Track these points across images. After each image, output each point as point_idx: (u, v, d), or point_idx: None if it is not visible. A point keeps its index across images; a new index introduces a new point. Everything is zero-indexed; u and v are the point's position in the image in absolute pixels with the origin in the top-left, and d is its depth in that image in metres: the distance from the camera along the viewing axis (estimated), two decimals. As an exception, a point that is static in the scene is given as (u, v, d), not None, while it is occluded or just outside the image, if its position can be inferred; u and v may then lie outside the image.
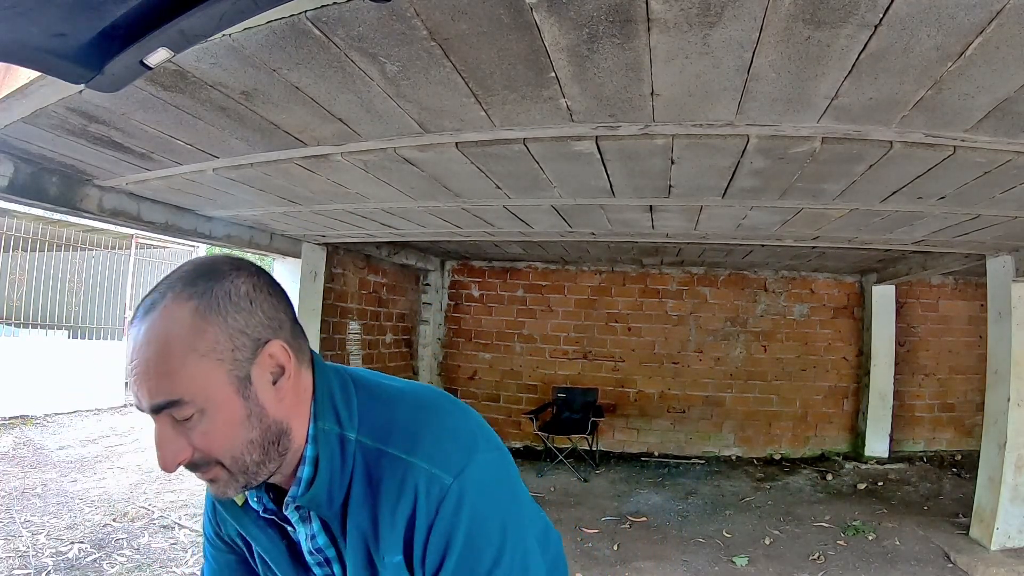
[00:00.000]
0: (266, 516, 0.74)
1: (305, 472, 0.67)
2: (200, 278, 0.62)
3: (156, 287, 0.62)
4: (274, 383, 0.64)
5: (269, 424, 0.64)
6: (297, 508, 0.70)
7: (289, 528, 0.74)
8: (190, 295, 0.60)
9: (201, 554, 3.22)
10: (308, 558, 0.73)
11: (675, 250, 4.80)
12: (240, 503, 0.75)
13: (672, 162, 1.99)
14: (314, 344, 4.23)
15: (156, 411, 0.60)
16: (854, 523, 3.83)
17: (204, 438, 0.61)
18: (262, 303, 0.64)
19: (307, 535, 0.71)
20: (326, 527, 0.70)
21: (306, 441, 0.67)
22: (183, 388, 0.59)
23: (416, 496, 0.63)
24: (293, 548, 0.75)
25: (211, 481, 0.64)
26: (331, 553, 0.71)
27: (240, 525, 0.77)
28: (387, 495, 0.65)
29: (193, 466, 0.62)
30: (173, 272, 0.64)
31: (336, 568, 0.72)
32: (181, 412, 0.59)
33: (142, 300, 0.62)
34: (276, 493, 0.74)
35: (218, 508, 0.80)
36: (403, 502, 0.64)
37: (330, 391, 0.69)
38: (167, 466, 0.61)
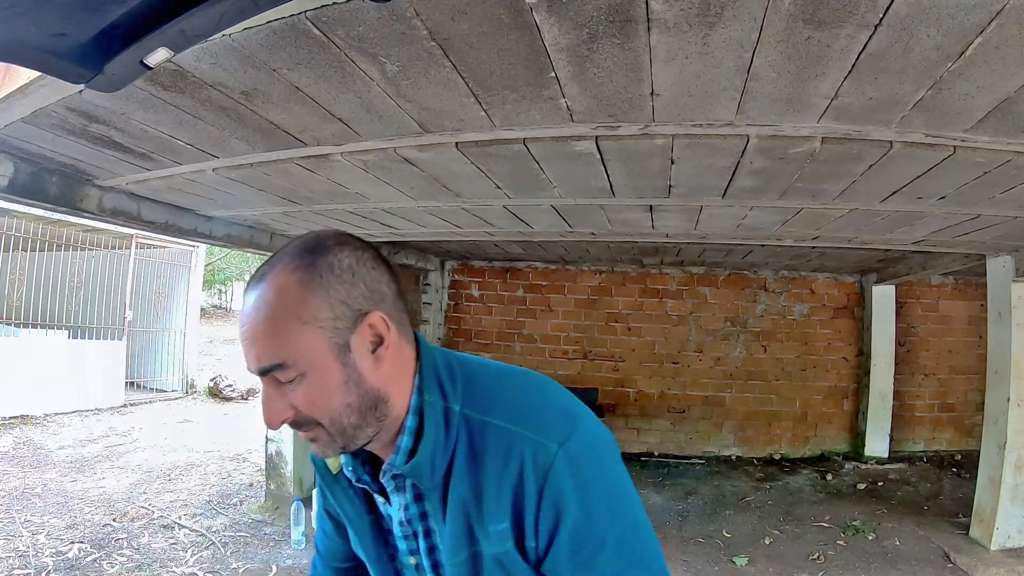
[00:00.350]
0: (357, 486, 0.77)
1: (404, 442, 0.69)
2: (307, 251, 0.66)
3: (268, 259, 0.68)
4: (373, 352, 0.67)
5: (367, 390, 0.67)
6: (394, 477, 0.72)
7: (380, 500, 0.76)
8: (295, 267, 0.65)
9: (201, 554, 3.23)
10: (397, 530, 0.75)
11: (675, 250, 4.80)
12: (335, 471, 0.78)
13: (672, 162, 1.99)
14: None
15: (262, 373, 0.64)
16: (854, 523, 3.83)
17: (305, 400, 0.65)
18: (364, 276, 0.67)
19: (400, 506, 0.73)
20: (418, 500, 0.72)
21: (407, 412, 0.70)
22: (286, 352, 0.63)
23: (523, 464, 0.65)
24: (378, 523, 0.78)
25: (312, 440, 0.68)
26: (419, 527, 0.73)
27: (332, 493, 0.81)
28: (492, 465, 0.66)
29: (296, 424, 0.67)
30: (285, 245, 0.68)
31: (422, 542, 0.74)
32: (284, 374, 0.64)
33: (255, 272, 0.68)
34: (373, 467, 0.76)
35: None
36: (509, 471, 0.65)
37: (434, 366, 0.71)
38: (272, 423, 0.66)
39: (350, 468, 0.76)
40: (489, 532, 0.66)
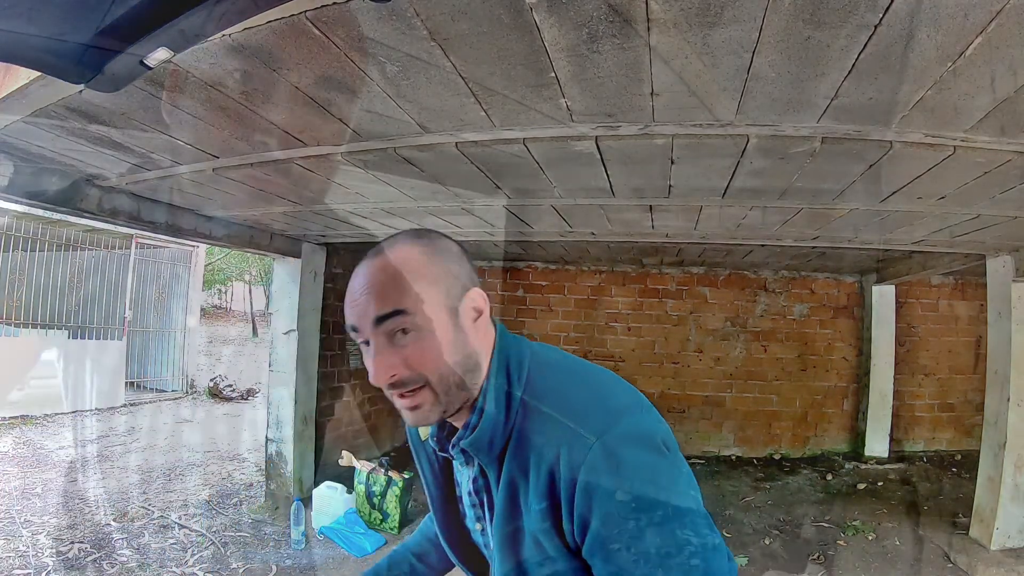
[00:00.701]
0: (440, 455, 0.86)
1: (472, 419, 0.76)
2: (422, 236, 0.76)
3: (382, 241, 0.76)
4: (474, 321, 0.76)
5: (469, 352, 0.74)
6: (462, 452, 0.78)
7: (458, 469, 0.85)
8: (416, 243, 0.75)
9: (201, 554, 3.23)
10: (466, 499, 0.84)
11: (675, 250, 4.80)
12: (424, 438, 0.87)
13: (672, 162, 1.99)
14: (314, 344, 4.23)
15: (381, 320, 0.70)
16: (854, 523, 3.83)
17: (418, 353, 0.71)
18: (466, 262, 0.78)
19: (470, 477, 0.82)
20: (484, 474, 0.78)
21: (480, 391, 0.76)
22: (409, 302, 0.70)
23: (559, 453, 0.69)
24: (452, 490, 0.88)
25: (414, 407, 0.73)
26: (486, 497, 0.80)
27: (417, 458, 0.90)
28: (535, 449, 0.71)
29: (401, 384, 0.71)
30: (394, 234, 0.77)
31: (487, 512, 0.80)
32: (403, 322, 0.70)
33: (372, 249, 0.76)
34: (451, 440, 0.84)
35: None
36: (547, 456, 0.70)
37: (506, 352, 0.78)
38: (380, 378, 0.71)
39: (434, 438, 0.84)
40: (532, 510, 0.71)
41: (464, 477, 0.83)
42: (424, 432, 0.86)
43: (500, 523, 0.74)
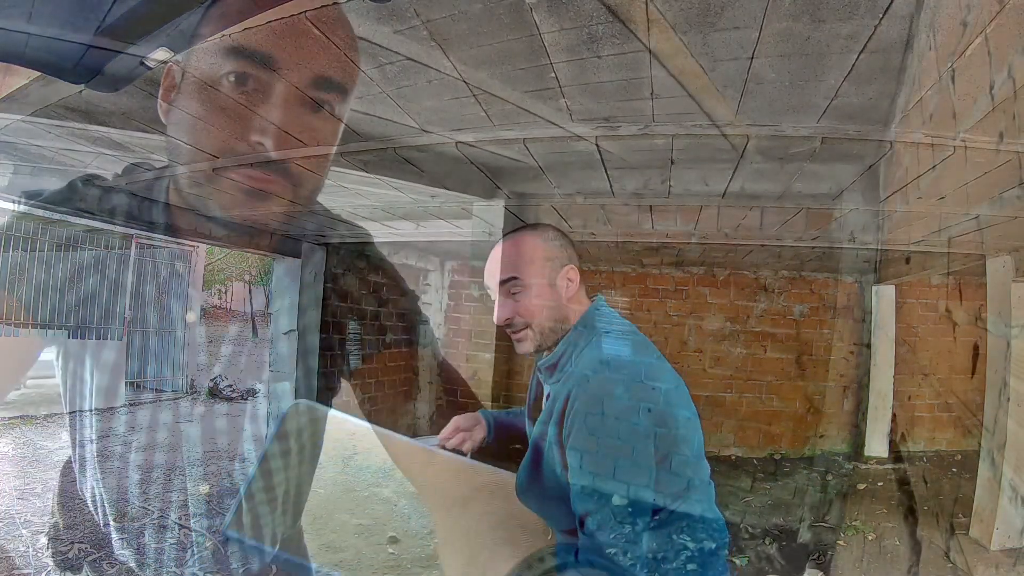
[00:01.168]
0: (538, 375, 1.16)
1: (551, 349, 1.10)
2: (538, 227, 1.13)
3: (513, 231, 1.13)
4: (566, 288, 1.10)
5: (559, 308, 1.09)
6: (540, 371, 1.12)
7: (546, 387, 1.13)
8: (530, 232, 1.12)
9: (201, 554, 3.23)
10: (545, 407, 1.09)
11: (675, 250, 4.80)
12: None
13: (672, 162, 1.99)
14: (314, 344, 4.23)
15: (503, 283, 1.08)
16: (854, 523, 3.82)
17: (526, 306, 1.07)
18: (566, 247, 1.14)
19: (546, 394, 1.11)
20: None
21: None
22: (521, 271, 1.08)
23: (574, 386, 0.96)
24: (539, 400, 1.16)
25: (519, 341, 1.11)
26: None
27: (532, 377, 1.22)
28: (570, 382, 0.99)
29: (512, 325, 1.09)
30: (521, 227, 1.14)
31: None
32: (516, 285, 1.07)
33: (507, 234, 1.12)
34: None
35: None
36: (568, 388, 0.97)
37: (589, 316, 1.10)
38: (500, 319, 1.09)
39: (538, 362, 1.14)
40: (554, 418, 0.98)
41: (546, 392, 1.13)
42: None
43: (538, 426, 1.04)
